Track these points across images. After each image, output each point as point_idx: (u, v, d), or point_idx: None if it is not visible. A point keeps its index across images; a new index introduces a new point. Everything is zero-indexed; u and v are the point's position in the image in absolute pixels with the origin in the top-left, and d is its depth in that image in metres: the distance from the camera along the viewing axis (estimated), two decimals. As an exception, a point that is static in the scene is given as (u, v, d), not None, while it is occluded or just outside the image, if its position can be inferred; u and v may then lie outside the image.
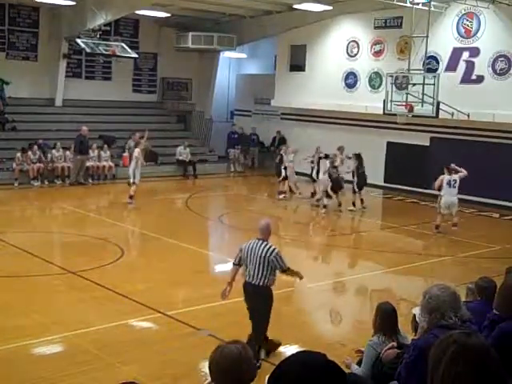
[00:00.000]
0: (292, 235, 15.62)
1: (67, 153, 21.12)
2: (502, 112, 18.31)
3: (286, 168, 19.65)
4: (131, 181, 17.61)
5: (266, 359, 7.65)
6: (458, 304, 3.82)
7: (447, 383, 2.22)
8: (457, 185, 15.38)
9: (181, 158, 23.69)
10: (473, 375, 2.18)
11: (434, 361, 2.30)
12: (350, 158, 18.56)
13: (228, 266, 13.19)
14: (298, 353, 2.29)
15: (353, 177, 18.26)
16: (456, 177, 15.38)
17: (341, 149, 18.73)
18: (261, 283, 7.48)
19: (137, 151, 17.92)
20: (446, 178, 15.44)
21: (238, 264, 7.75)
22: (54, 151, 20.96)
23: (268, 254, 7.41)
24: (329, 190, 18.01)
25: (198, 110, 27.53)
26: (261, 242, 7.53)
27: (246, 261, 7.55)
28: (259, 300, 7.55)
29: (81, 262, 11.75)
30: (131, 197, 17.48)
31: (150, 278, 11.18)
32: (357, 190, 18.16)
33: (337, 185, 17.96)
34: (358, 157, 18.28)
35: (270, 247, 7.49)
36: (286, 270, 7.67)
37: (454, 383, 2.20)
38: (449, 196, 15.36)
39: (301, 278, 8.03)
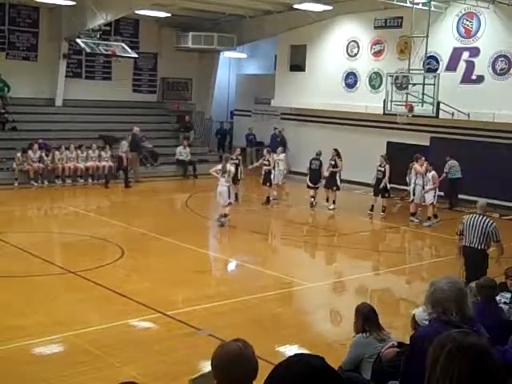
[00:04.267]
0: (292, 235, 15.61)
1: (67, 152, 21.15)
2: (501, 112, 18.30)
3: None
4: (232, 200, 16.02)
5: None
6: (462, 301, 3.71)
7: (444, 381, 2.21)
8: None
9: (181, 157, 23.71)
10: (469, 374, 2.17)
11: (431, 359, 2.29)
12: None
13: (228, 267, 13.29)
14: (295, 355, 2.27)
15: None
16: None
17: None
18: (479, 247, 9.67)
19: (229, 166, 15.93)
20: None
21: (461, 234, 10.00)
22: (57, 152, 20.96)
23: (488, 226, 9.66)
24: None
25: (198, 110, 27.54)
26: (481, 216, 9.81)
27: (468, 230, 9.74)
28: (478, 259, 9.65)
29: (81, 261, 11.75)
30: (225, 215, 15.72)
31: (150, 277, 11.18)
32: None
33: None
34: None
35: (490, 221, 9.82)
36: (498, 242, 9.78)
37: (451, 382, 2.19)
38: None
39: (501, 254, 9.91)
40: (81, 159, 21.48)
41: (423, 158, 17.09)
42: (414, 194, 17.00)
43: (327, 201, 18.37)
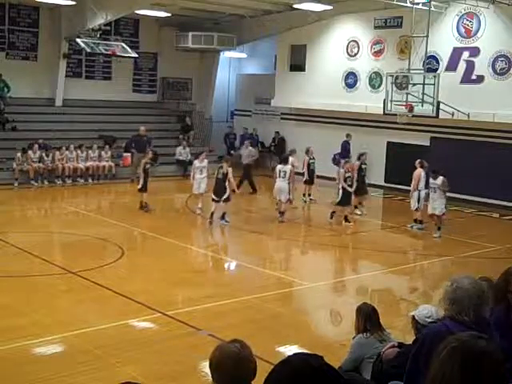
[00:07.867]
0: (292, 235, 15.61)
1: (67, 153, 21.15)
2: (501, 112, 18.30)
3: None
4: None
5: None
6: (481, 303, 3.64)
7: (436, 379, 2.20)
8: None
9: (181, 157, 23.72)
10: (459, 377, 2.14)
11: (437, 353, 2.28)
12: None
13: (228, 267, 13.29)
14: (294, 354, 2.28)
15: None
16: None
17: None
18: None
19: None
20: (422, 173, 15.80)
21: None
22: (57, 153, 20.95)
23: None
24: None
25: (198, 110, 27.55)
26: None
27: None
28: None
29: (81, 261, 11.76)
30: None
31: (150, 277, 11.18)
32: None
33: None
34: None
35: None
36: None
37: (441, 381, 2.17)
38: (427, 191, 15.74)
39: None
40: (81, 159, 21.50)
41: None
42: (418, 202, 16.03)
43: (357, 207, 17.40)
